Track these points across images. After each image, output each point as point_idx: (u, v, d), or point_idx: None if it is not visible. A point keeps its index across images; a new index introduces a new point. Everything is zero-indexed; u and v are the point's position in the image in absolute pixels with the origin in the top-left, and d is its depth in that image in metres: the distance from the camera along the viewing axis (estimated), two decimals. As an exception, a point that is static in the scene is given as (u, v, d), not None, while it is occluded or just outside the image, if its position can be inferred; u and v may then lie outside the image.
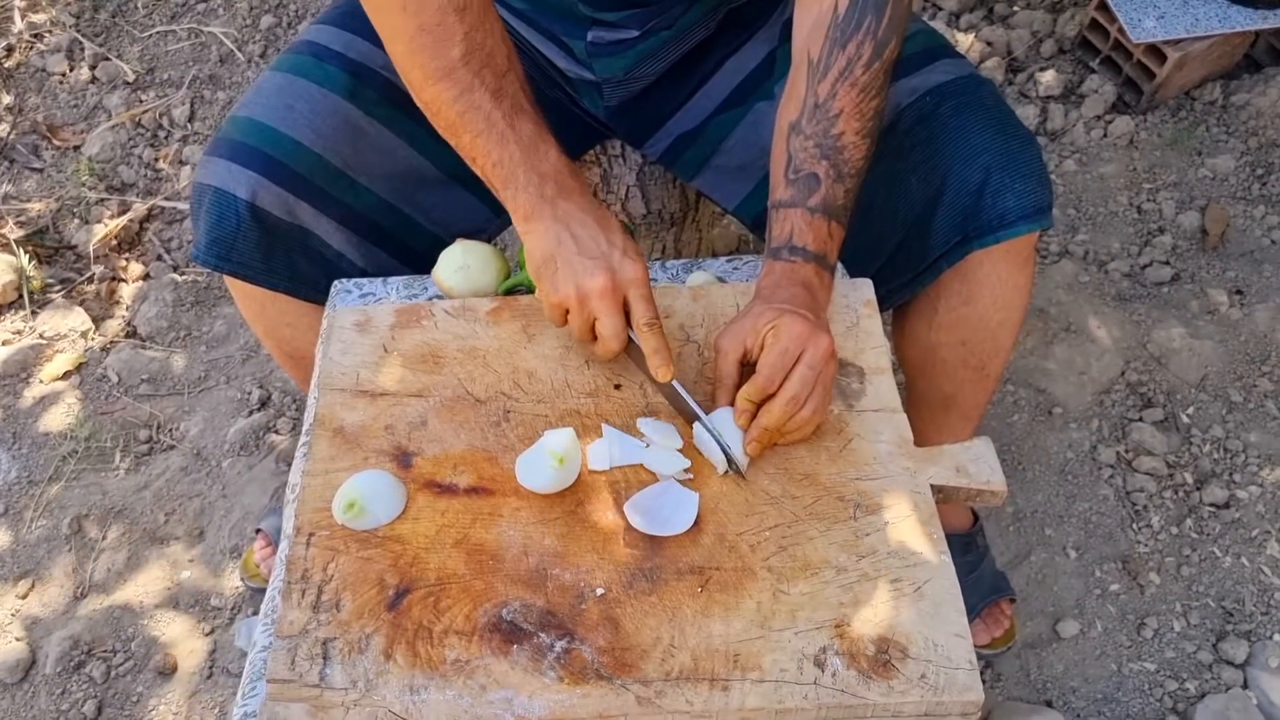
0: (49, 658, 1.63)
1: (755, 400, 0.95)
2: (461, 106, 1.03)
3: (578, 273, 0.98)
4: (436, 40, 1.01)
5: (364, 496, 0.93)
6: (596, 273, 0.98)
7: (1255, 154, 2.20)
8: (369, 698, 0.82)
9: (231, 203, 1.16)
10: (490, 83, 1.03)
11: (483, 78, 1.03)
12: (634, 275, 0.99)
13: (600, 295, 0.98)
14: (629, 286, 0.99)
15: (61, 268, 2.20)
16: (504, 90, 1.04)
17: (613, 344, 1.00)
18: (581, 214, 1.01)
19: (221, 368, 2.02)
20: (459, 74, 1.02)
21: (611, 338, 0.99)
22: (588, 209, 1.02)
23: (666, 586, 0.88)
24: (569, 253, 0.99)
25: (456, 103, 1.03)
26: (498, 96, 1.03)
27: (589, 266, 0.98)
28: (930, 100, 1.15)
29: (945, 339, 1.25)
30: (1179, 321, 1.95)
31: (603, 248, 0.99)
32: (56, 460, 1.88)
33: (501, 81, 1.04)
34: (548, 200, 1.01)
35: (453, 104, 1.03)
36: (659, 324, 0.99)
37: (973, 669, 0.83)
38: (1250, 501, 1.72)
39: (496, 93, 1.03)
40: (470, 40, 1.02)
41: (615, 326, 0.99)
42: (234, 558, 1.74)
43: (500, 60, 1.04)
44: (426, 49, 1.02)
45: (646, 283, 1.00)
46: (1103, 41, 2.31)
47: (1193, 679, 1.55)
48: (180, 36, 2.62)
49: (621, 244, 1.00)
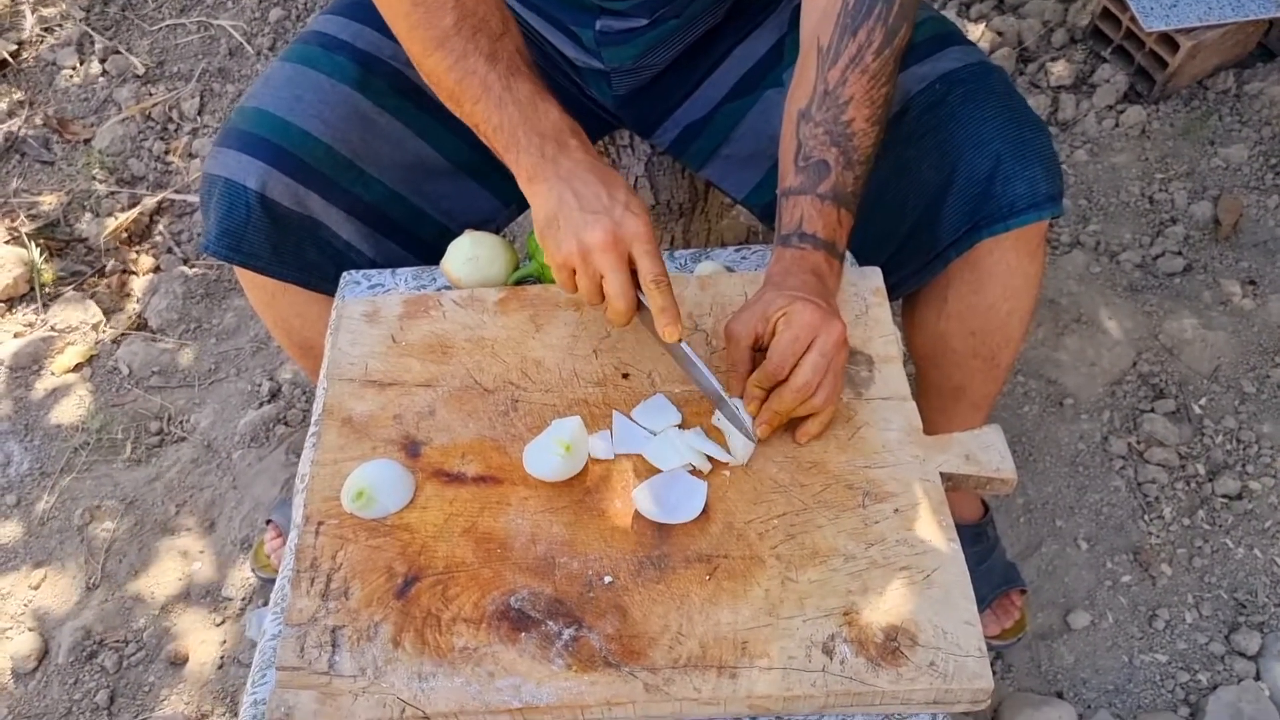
0: (61, 648, 1.64)
1: (765, 387, 0.95)
2: (458, 74, 1.03)
3: (579, 229, 0.96)
4: (429, 11, 1.02)
5: (372, 485, 0.93)
6: (597, 227, 0.95)
7: (1269, 144, 2.18)
8: (377, 685, 0.83)
9: (241, 193, 1.16)
10: (484, 47, 1.03)
11: (476, 43, 1.03)
12: (637, 229, 0.96)
13: (603, 249, 0.95)
14: (632, 241, 0.96)
15: (72, 261, 2.20)
16: (498, 54, 1.03)
17: (619, 303, 0.97)
18: (584, 171, 0.99)
19: (232, 360, 2.03)
20: (453, 41, 1.03)
21: (617, 296, 0.96)
22: (589, 165, 1.00)
23: (674, 574, 0.88)
24: (570, 210, 0.97)
25: (453, 70, 1.03)
26: (492, 60, 1.03)
27: (590, 222, 0.96)
28: (940, 87, 1.14)
29: (955, 328, 1.24)
30: (1191, 312, 1.94)
31: (604, 202, 0.97)
32: (68, 452, 1.89)
33: (496, 45, 1.04)
34: (549, 159, 1.00)
35: (449, 72, 1.03)
36: (666, 280, 0.96)
37: (982, 656, 0.83)
38: (1263, 493, 1.71)
39: (491, 56, 1.03)
40: (461, 7, 1.02)
41: (620, 283, 0.96)
42: (245, 549, 1.75)
43: (494, 25, 1.04)
44: (421, 21, 1.03)
45: (651, 237, 0.97)
46: (1115, 30, 2.30)
47: (1205, 670, 1.54)
48: (189, 30, 2.63)
49: (624, 198, 0.97)
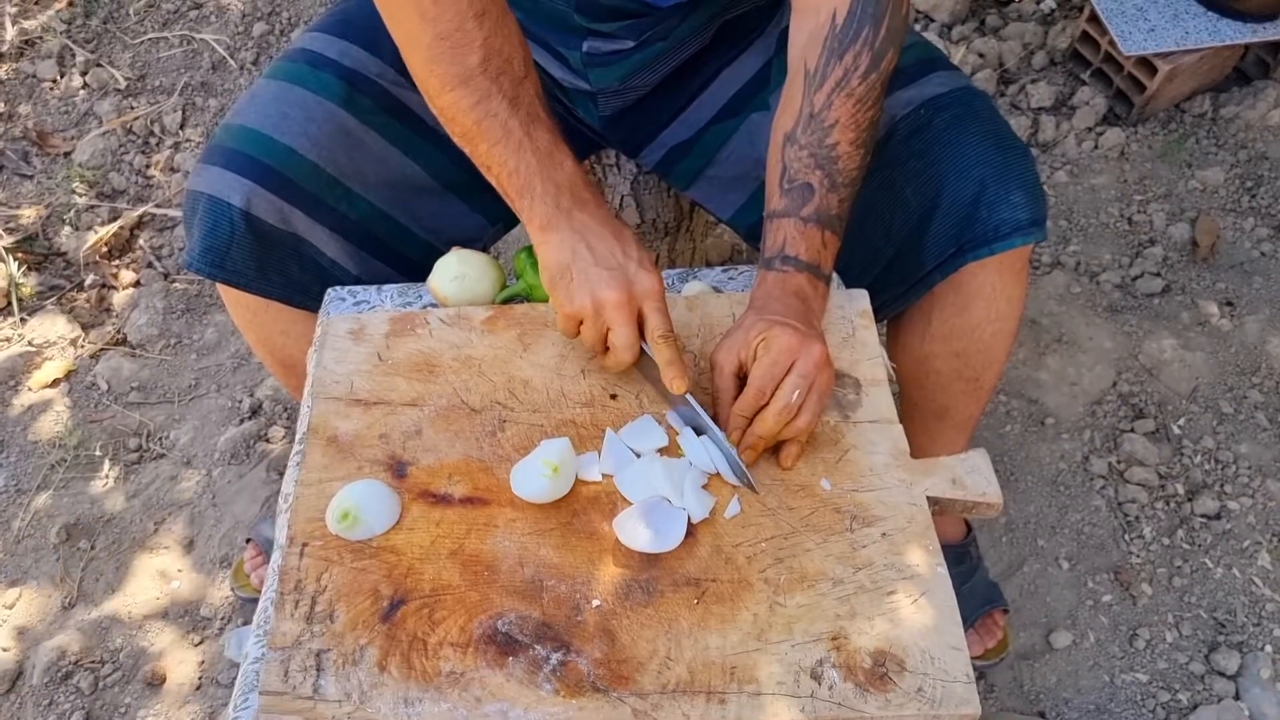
0: (36, 668, 1.61)
1: (748, 415, 0.96)
2: (478, 114, 1.02)
3: (594, 284, 0.98)
4: (454, 47, 1.00)
5: (358, 506, 0.92)
6: (612, 284, 0.97)
7: (1245, 166, 2.21)
8: (363, 710, 0.82)
9: (226, 210, 1.15)
10: (508, 90, 1.02)
11: (500, 84, 1.02)
12: (650, 288, 0.99)
13: (616, 306, 0.98)
14: (644, 299, 0.99)
15: (51, 275, 2.18)
16: (521, 98, 1.03)
17: (625, 355, 0.99)
18: (598, 226, 1.01)
19: (212, 376, 2.01)
20: (476, 81, 1.01)
21: (624, 349, 0.99)
22: (604, 220, 1.01)
23: (663, 598, 0.88)
24: (585, 264, 0.99)
25: (473, 110, 1.02)
26: (515, 104, 1.02)
27: (605, 278, 0.98)
28: (925, 112, 1.15)
29: (939, 350, 1.25)
30: (1170, 333, 1.96)
31: (619, 259, 0.99)
32: (45, 469, 1.87)
33: (518, 89, 1.03)
34: (564, 211, 1.01)
35: (469, 111, 1.02)
36: (674, 337, 0.99)
37: (970, 682, 0.83)
38: (1241, 513, 1.72)
39: (514, 100, 1.02)
40: (488, 46, 1.01)
41: (629, 338, 0.98)
42: (224, 567, 1.73)
43: (518, 67, 1.03)
44: (444, 56, 1.01)
45: (662, 295, 0.99)
46: (1094, 54, 2.33)
47: (1185, 690, 1.55)
48: (172, 43, 2.62)
49: (637, 256, 1.00)
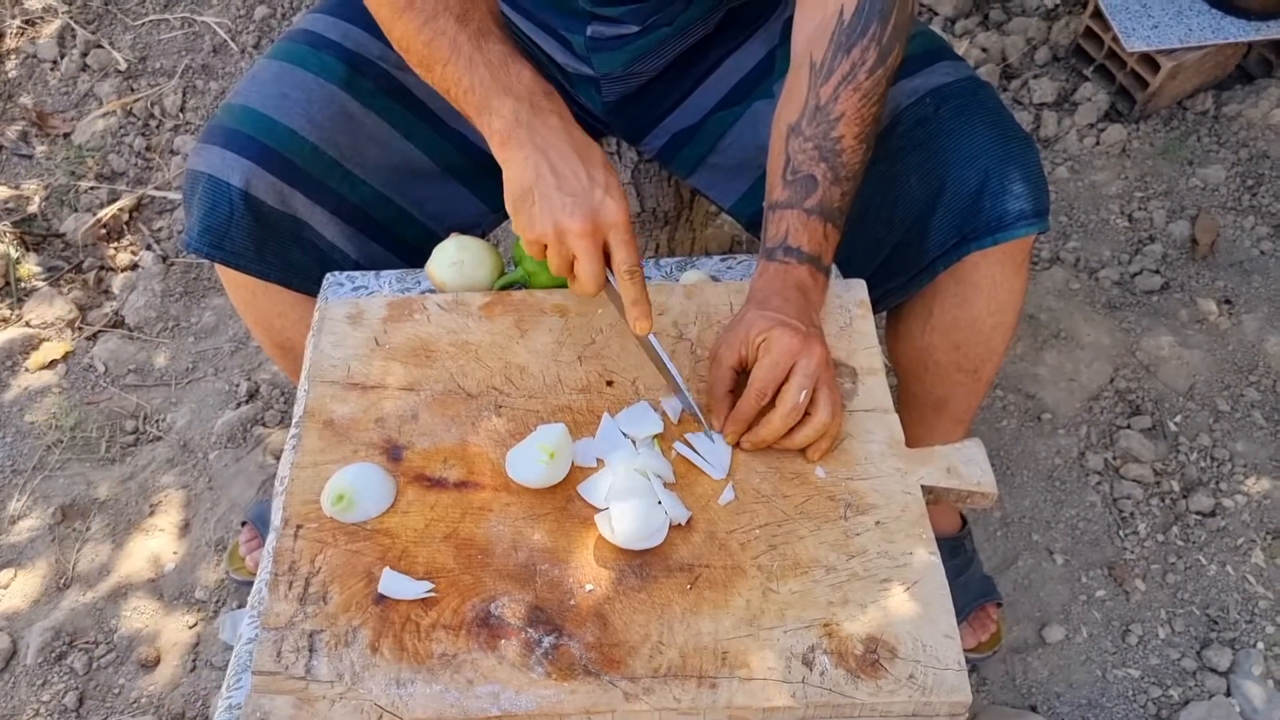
0: (30, 648, 1.62)
1: (749, 417, 0.95)
2: (427, 35, 1.01)
3: (556, 210, 0.95)
4: None
5: (353, 489, 0.92)
6: (576, 212, 0.94)
7: (1246, 165, 2.21)
8: (355, 691, 0.82)
9: (225, 191, 1.15)
10: (454, 8, 1.01)
11: (447, 3, 1.01)
12: (615, 218, 0.96)
13: (579, 235, 0.95)
14: (610, 229, 0.96)
15: (49, 256, 2.18)
16: (469, 15, 1.01)
17: (589, 286, 0.97)
18: (562, 143, 0.97)
19: (210, 359, 2.01)
20: (422, 2, 1.01)
21: (588, 280, 0.97)
22: (568, 137, 0.98)
23: (656, 583, 0.88)
24: (548, 187, 0.95)
25: (421, 31, 1.01)
26: (463, 21, 1.01)
27: (568, 205, 0.95)
28: (930, 102, 1.15)
29: (939, 341, 1.25)
30: (1168, 330, 1.96)
31: (583, 183, 0.95)
32: (41, 450, 1.87)
33: (467, 5, 1.01)
34: (523, 124, 0.98)
35: (419, 33, 1.01)
36: (640, 271, 0.97)
37: (961, 670, 0.83)
38: (1236, 510, 1.72)
39: (461, 17, 1.01)
40: None
41: (593, 269, 0.96)
42: (219, 550, 1.73)
43: None
44: None
45: (629, 225, 0.96)
46: (1097, 50, 2.32)
47: (1177, 686, 1.55)
48: (173, 25, 2.61)
49: (604, 180, 0.96)
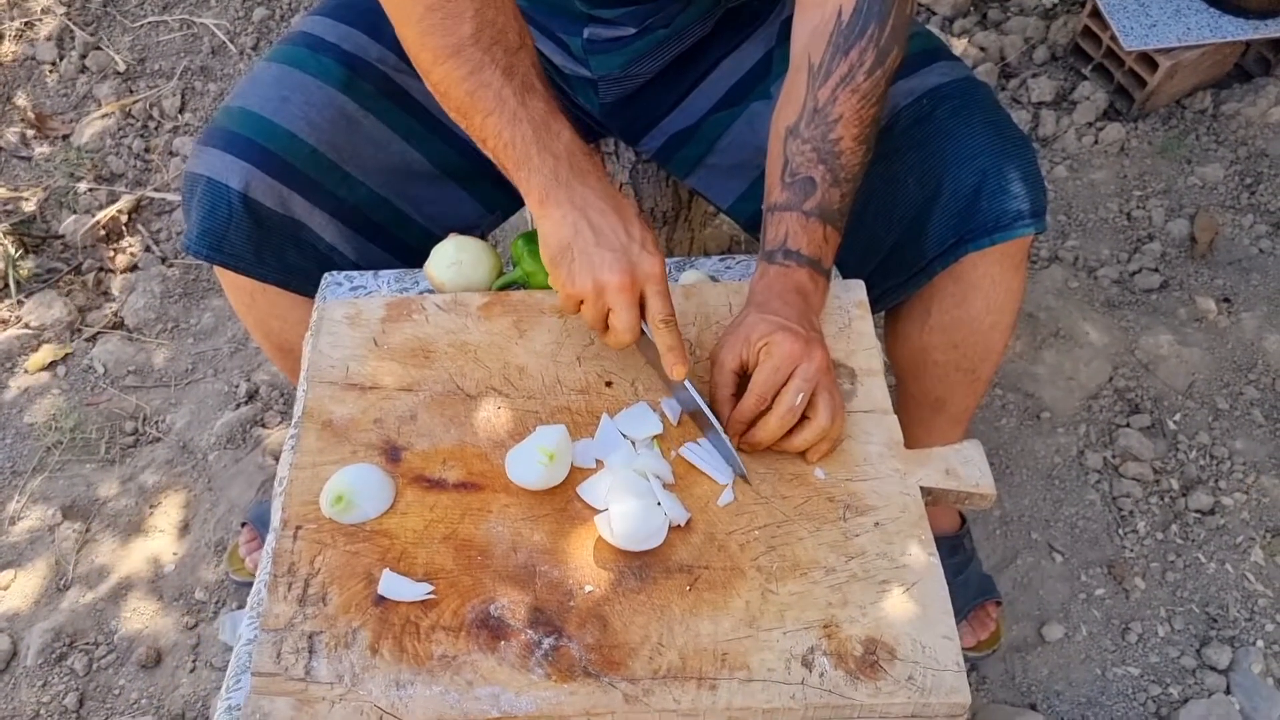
0: (30, 649, 1.62)
1: (748, 420, 0.96)
2: (471, 85, 1.00)
3: (595, 266, 0.96)
4: (446, 18, 0.98)
5: (352, 490, 0.92)
6: (615, 267, 0.96)
7: (1244, 163, 2.21)
8: (355, 692, 0.82)
9: (224, 193, 1.15)
10: (501, 60, 1.00)
11: (493, 55, 1.00)
12: (652, 271, 0.97)
13: (618, 290, 0.96)
14: (646, 282, 0.97)
15: (49, 257, 2.18)
16: (515, 68, 1.01)
17: (625, 337, 0.99)
18: (600, 201, 0.98)
19: (209, 360, 2.01)
20: (469, 52, 0.99)
21: (625, 331, 0.98)
22: (605, 195, 0.99)
23: (655, 585, 0.88)
24: (586, 243, 0.97)
25: (466, 81, 1.00)
26: (509, 74, 1.00)
27: (608, 260, 0.96)
28: (927, 102, 1.15)
29: (937, 341, 1.25)
30: (1167, 328, 1.96)
31: (622, 240, 0.97)
32: (40, 451, 1.87)
33: (513, 59, 1.01)
34: (563, 183, 0.99)
35: (462, 83, 1.00)
36: (675, 321, 0.98)
37: (960, 671, 0.83)
38: (1235, 508, 1.73)
39: (508, 70, 1.00)
40: (481, 17, 0.99)
41: (630, 321, 0.97)
42: (219, 551, 1.73)
43: (512, 37, 1.01)
44: (436, 28, 0.99)
45: (664, 278, 0.98)
46: (1095, 49, 2.32)
47: (1176, 684, 1.55)
48: (172, 27, 2.61)
49: (640, 236, 0.98)
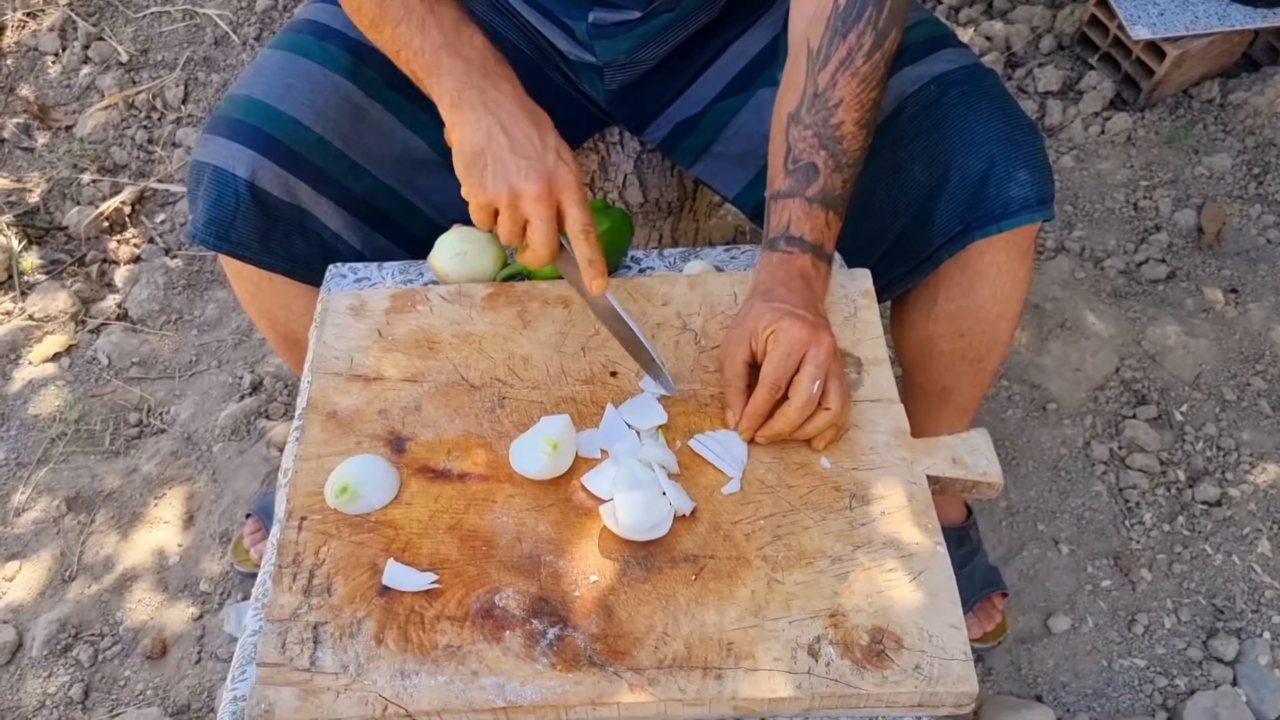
0: (36, 640, 1.62)
1: (764, 413, 0.94)
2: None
3: (510, 173, 0.96)
4: None
5: (357, 481, 0.92)
6: (531, 175, 0.95)
7: (1252, 153, 2.20)
8: (360, 682, 0.82)
9: (230, 181, 1.14)
10: None
11: None
12: (568, 179, 0.97)
13: (534, 199, 0.96)
14: (563, 191, 0.97)
15: (52, 249, 2.18)
16: None
17: (543, 250, 0.98)
18: (514, 106, 0.98)
19: (213, 352, 2.01)
20: None
21: (542, 244, 0.97)
22: (518, 101, 0.99)
23: (660, 574, 0.88)
24: (501, 149, 0.96)
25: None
26: None
27: (523, 167, 0.95)
28: (934, 89, 1.15)
29: (944, 330, 1.24)
30: (1174, 319, 1.95)
31: (536, 147, 0.96)
32: (45, 443, 1.87)
33: None
34: (474, 85, 0.98)
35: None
36: (594, 231, 0.97)
37: (967, 660, 0.83)
38: (1242, 500, 1.72)
39: None
40: None
41: (548, 233, 0.97)
42: (223, 542, 1.73)
43: None
44: None
45: (581, 187, 0.98)
46: (1102, 38, 2.31)
47: (1183, 675, 1.55)
48: (175, 18, 2.60)
49: (555, 145, 0.97)
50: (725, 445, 0.96)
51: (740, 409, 0.96)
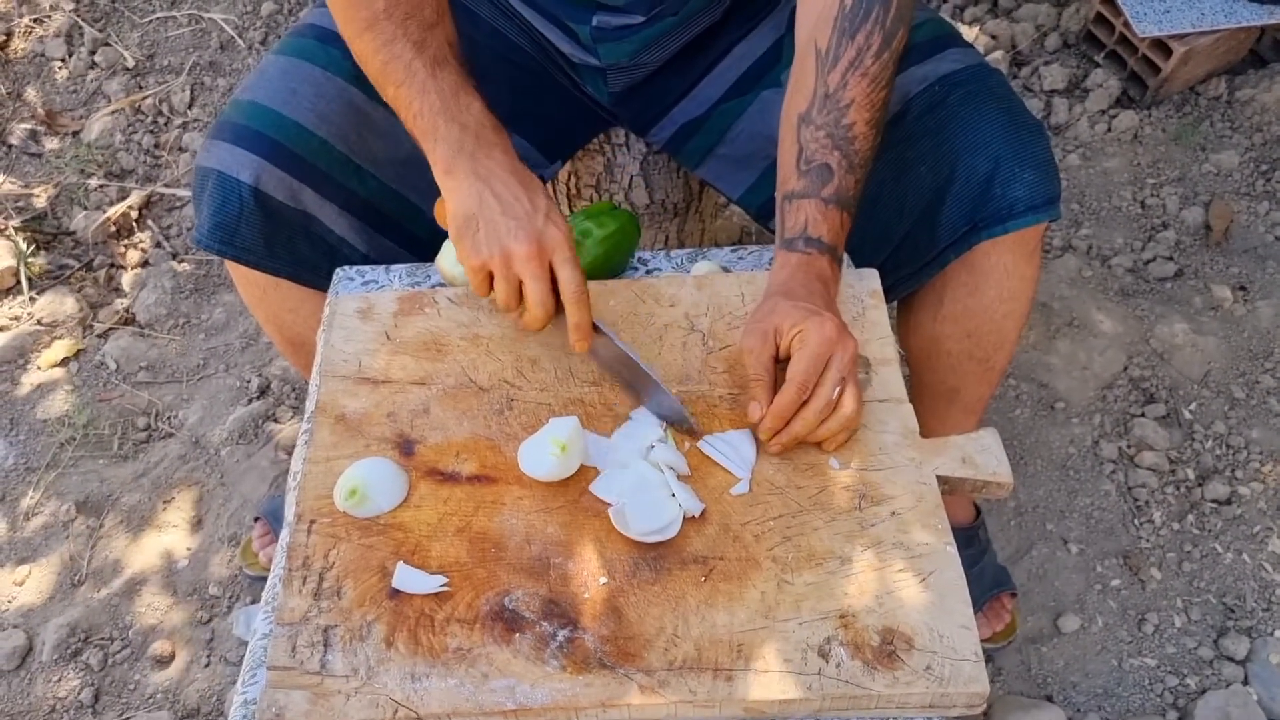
0: (46, 645, 1.62)
1: (789, 414, 0.93)
2: (385, 57, 1.04)
3: (501, 234, 0.97)
4: None
5: (366, 484, 0.92)
6: (520, 235, 0.96)
7: (1260, 150, 2.19)
8: (370, 685, 0.82)
9: (235, 187, 1.15)
10: (414, 34, 1.04)
11: (406, 29, 1.03)
12: (558, 239, 0.98)
13: (526, 259, 0.97)
14: (554, 250, 0.98)
15: (60, 254, 2.18)
16: (428, 43, 1.04)
17: (538, 310, 0.99)
18: (504, 173, 1.00)
19: (220, 355, 2.02)
20: (382, 25, 1.03)
21: (537, 304, 0.98)
22: (510, 168, 1.01)
23: (670, 576, 0.88)
24: (492, 212, 0.98)
25: (380, 53, 1.04)
26: (420, 47, 1.03)
27: (512, 228, 0.97)
28: (940, 89, 1.14)
29: (951, 330, 1.24)
30: (1182, 317, 1.94)
31: (526, 209, 0.98)
32: (54, 447, 1.87)
33: (427, 34, 1.04)
34: (467, 154, 1.00)
35: (376, 54, 1.04)
36: (586, 295, 0.98)
37: (978, 660, 0.83)
38: (1252, 498, 1.71)
39: (419, 44, 1.04)
40: None
41: (541, 292, 0.98)
42: (232, 546, 1.74)
43: (428, 13, 1.05)
44: (355, 1, 1.04)
45: (571, 245, 0.99)
46: (1108, 35, 2.30)
47: (1193, 675, 1.54)
48: (181, 23, 2.61)
49: (545, 206, 0.99)
50: (734, 446, 0.96)
51: (767, 403, 0.94)
